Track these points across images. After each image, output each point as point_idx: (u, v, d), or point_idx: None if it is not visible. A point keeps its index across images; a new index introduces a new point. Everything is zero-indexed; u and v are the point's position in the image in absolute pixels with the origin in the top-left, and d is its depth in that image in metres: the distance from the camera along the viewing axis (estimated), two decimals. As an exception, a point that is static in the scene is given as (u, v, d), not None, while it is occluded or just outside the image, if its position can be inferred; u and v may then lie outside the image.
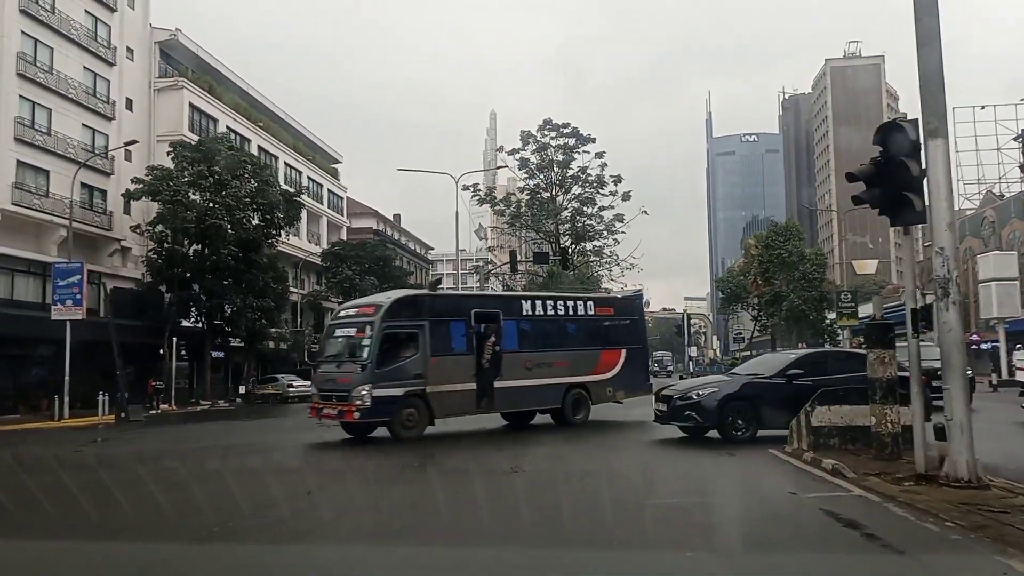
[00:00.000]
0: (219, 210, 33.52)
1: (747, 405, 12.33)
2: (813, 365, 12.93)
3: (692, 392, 12.93)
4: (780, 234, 49.67)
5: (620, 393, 17.64)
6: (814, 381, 12.04)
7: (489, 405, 15.58)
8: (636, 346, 18.40)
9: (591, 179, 57.56)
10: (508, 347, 15.86)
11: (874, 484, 8.11)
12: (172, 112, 39.37)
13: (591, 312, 17.65)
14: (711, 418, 12.33)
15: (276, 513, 7.29)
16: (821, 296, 47.81)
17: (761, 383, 12.65)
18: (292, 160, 50.55)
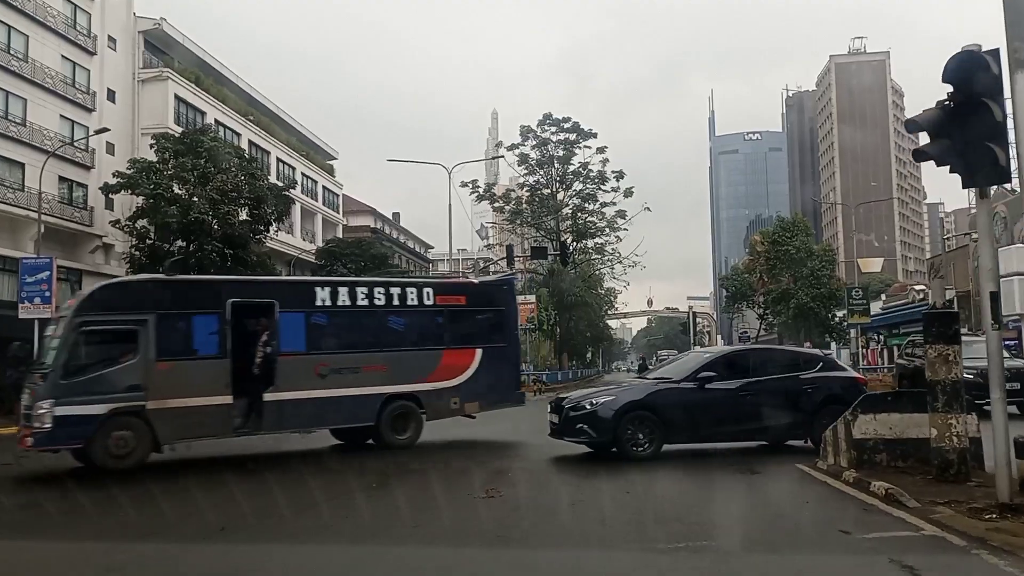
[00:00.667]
0: (203, 204, 31.72)
1: (650, 416, 10.25)
2: (731, 366, 11.02)
3: (586, 400, 10.66)
4: (787, 230, 47.77)
5: (472, 405, 13.57)
6: (732, 385, 10.54)
7: (256, 424, 11.78)
8: (499, 344, 14.10)
9: (592, 175, 55.78)
10: (290, 348, 12.02)
11: (947, 518, 6.25)
12: (157, 104, 37.63)
13: (428, 302, 13.41)
14: (606, 432, 10.18)
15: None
16: (830, 293, 45.88)
17: (668, 389, 10.66)
18: (285, 156, 48.81)
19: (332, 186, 56.77)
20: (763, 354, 12.52)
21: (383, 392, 12.58)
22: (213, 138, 33.12)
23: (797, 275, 45.51)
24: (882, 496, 7.14)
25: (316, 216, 53.46)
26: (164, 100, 37.73)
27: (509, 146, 56.06)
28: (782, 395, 10.64)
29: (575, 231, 57.26)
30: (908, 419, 8.26)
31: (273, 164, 47.06)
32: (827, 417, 10.19)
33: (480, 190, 54.74)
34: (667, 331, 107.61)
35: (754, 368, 11.01)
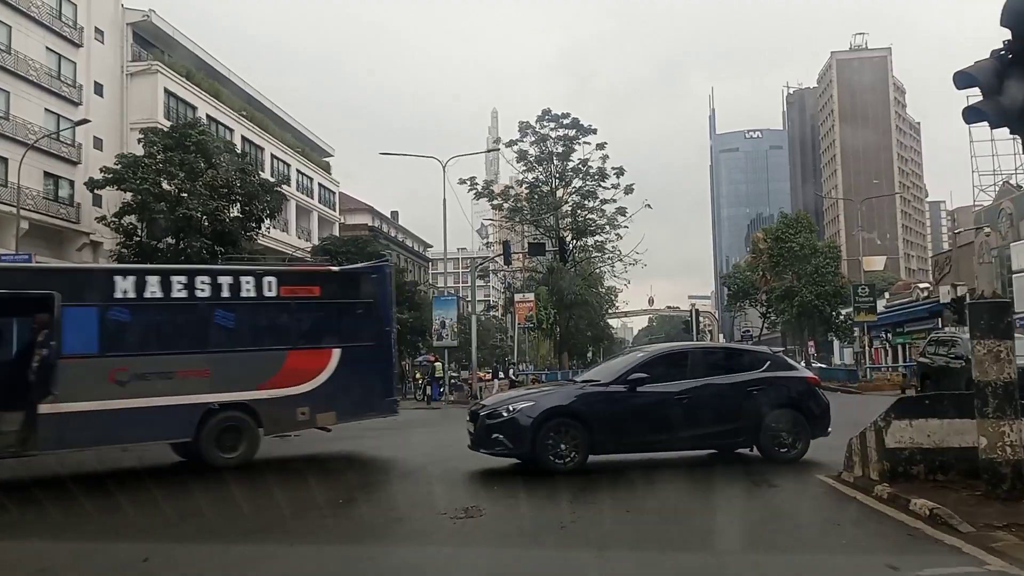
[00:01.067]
0: (191, 200, 30.69)
1: (574, 423, 9.07)
2: (667, 367, 9.80)
3: (504, 407, 9.37)
4: (791, 227, 46.66)
5: (326, 415, 11.41)
6: (667, 388, 9.41)
7: (30, 442, 9.66)
8: (366, 344, 11.81)
9: (592, 171, 54.73)
10: (77, 350, 9.89)
11: (1010, 547, 5.19)
12: (146, 98, 36.59)
13: (270, 293, 11.05)
14: (524, 442, 8.95)
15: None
16: (835, 291, 44.76)
17: (596, 393, 9.42)
18: (279, 152, 47.77)
19: (328, 184, 55.73)
20: (703, 353, 10.97)
21: (204, 402, 10.42)
22: (201, 132, 32.06)
23: (801, 272, 44.41)
24: (926, 517, 6.07)
25: (312, 214, 52.42)
26: (153, 94, 36.70)
27: (508, 142, 55.02)
28: (724, 398, 9.57)
29: (575, 229, 56.20)
30: (949, 425, 7.18)
31: (267, 161, 46.03)
32: (776, 422, 9.53)
33: (479, 187, 53.77)
34: (668, 330, 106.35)
35: (693, 369, 9.77)
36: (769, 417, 9.49)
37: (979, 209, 60.51)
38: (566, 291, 48.46)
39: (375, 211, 66.49)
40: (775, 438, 9.55)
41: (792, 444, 9.56)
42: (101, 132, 35.05)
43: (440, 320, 28.92)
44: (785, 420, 9.59)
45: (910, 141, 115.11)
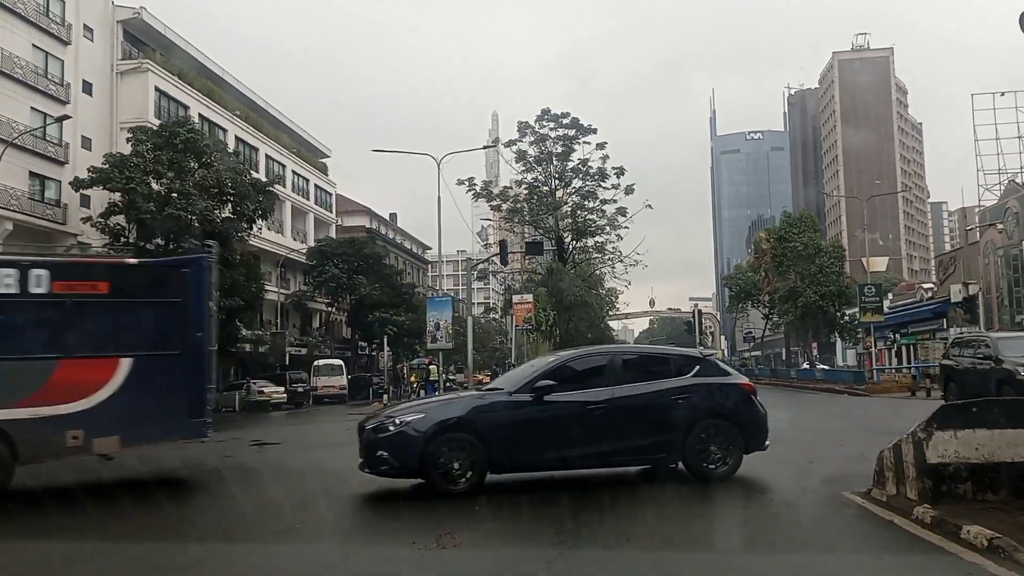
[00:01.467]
0: (180, 199, 29.79)
1: (469, 438, 7.87)
2: (580, 373, 8.63)
3: (392, 419, 8.16)
4: (794, 226, 45.65)
5: (107, 440, 9.17)
6: (580, 397, 8.22)
7: None
8: (167, 352, 9.59)
9: (592, 172, 53.75)
10: None
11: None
12: (136, 97, 35.73)
13: (38, 289, 8.94)
14: (411, 459, 7.75)
15: None
16: (839, 291, 43.74)
17: (496, 403, 8.24)
18: (274, 152, 46.90)
19: (325, 185, 54.85)
20: (624, 357, 9.25)
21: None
22: (190, 130, 31.17)
23: (804, 272, 43.41)
24: (984, 548, 5.09)
25: (308, 215, 51.53)
26: (144, 93, 35.85)
27: (507, 142, 54.10)
28: (645, 408, 8.43)
29: (574, 229, 55.22)
30: (1001, 436, 6.18)
31: (262, 161, 45.20)
32: (705, 434, 8.37)
33: (477, 188, 52.81)
34: (670, 332, 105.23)
35: (611, 375, 8.52)
36: (697, 429, 8.34)
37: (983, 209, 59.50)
38: (566, 292, 47.45)
39: (373, 213, 65.59)
40: (703, 453, 8.35)
41: (723, 459, 8.35)
42: (90, 132, 34.18)
43: (434, 322, 27.92)
44: (715, 432, 8.43)
45: (912, 142, 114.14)
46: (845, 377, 38.59)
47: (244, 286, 34.40)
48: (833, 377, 39.36)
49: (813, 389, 37.73)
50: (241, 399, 32.36)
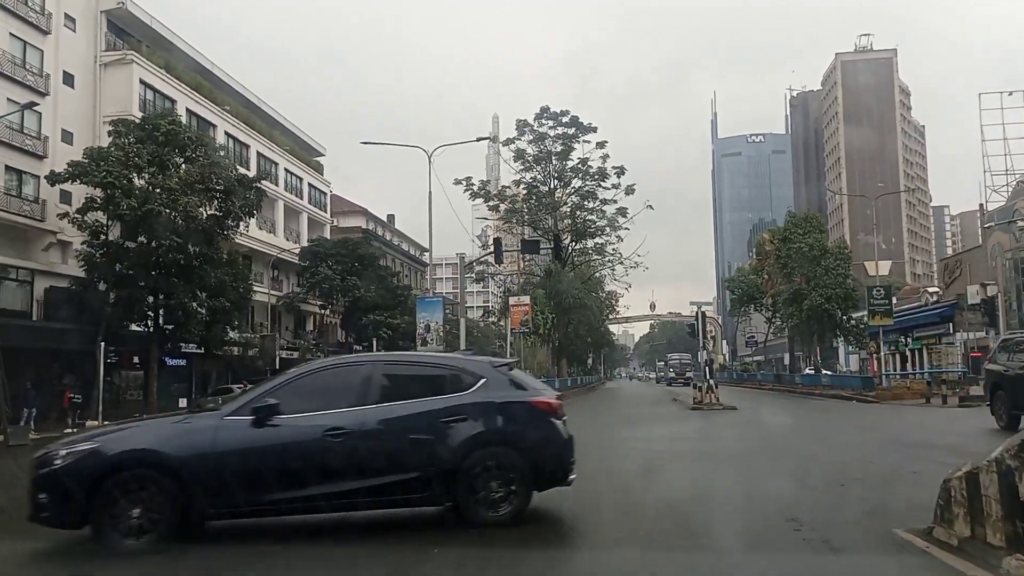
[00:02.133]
0: (160, 195, 28.39)
1: (159, 476, 6.03)
2: (327, 390, 6.74)
3: (57, 452, 6.26)
4: (799, 226, 44.21)
5: None
6: (317, 421, 6.40)
7: None
8: None
9: (592, 171, 52.45)
10: None
11: None
12: (120, 90, 34.30)
13: None
14: (74, 504, 5.94)
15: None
16: (846, 293, 42.28)
17: (199, 429, 6.48)
18: (266, 150, 45.49)
19: (319, 184, 53.46)
20: (384, 369, 7.30)
21: None
22: (171, 122, 29.77)
23: (809, 274, 41.97)
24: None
25: (301, 215, 50.12)
26: (128, 86, 34.43)
27: (505, 140, 52.91)
28: (403, 434, 6.53)
29: (574, 230, 53.95)
30: (1116, 467, 4.71)
31: (253, 159, 43.78)
32: (481, 465, 6.46)
33: (475, 187, 51.46)
34: (671, 336, 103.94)
35: (365, 392, 6.69)
36: (471, 460, 6.47)
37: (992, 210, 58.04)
38: (564, 294, 46.10)
39: (369, 214, 64.18)
40: (478, 490, 6.44)
41: (504, 499, 6.46)
42: (71, 125, 32.78)
43: (425, 323, 26.49)
44: (495, 464, 6.52)
45: (915, 144, 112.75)
46: (853, 383, 37.14)
47: (231, 287, 33.00)
48: (840, 383, 37.91)
49: (820, 395, 36.28)
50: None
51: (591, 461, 11.60)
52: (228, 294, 32.66)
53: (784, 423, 20.18)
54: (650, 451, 12.89)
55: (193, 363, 38.33)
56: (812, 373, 46.35)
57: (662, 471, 10.34)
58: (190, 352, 35.45)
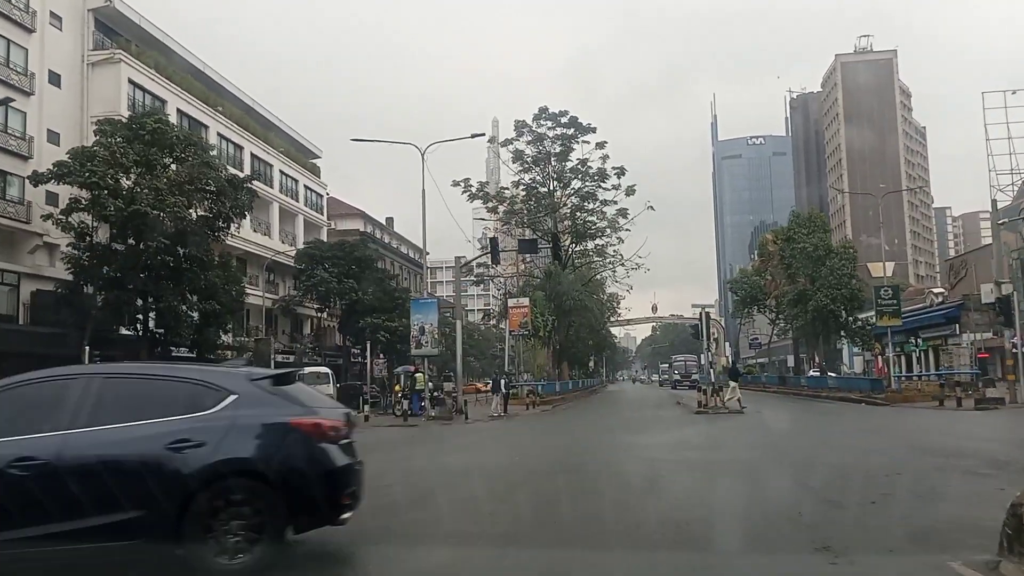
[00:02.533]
0: (147, 195, 27.45)
1: None
2: (28, 409, 5.51)
3: None
4: (803, 226, 43.19)
5: None
6: (9, 450, 5.15)
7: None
8: None
9: (592, 172, 51.51)
10: None
11: None
12: (108, 90, 33.43)
13: None
14: None
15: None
16: (852, 294, 41.21)
17: None
18: (260, 151, 44.59)
19: (315, 186, 52.57)
20: (102, 384, 5.74)
21: None
22: (158, 121, 28.85)
23: (814, 275, 40.94)
24: None
25: (297, 218, 49.21)
26: (116, 85, 33.56)
27: (503, 141, 51.96)
28: (117, 465, 5.23)
29: (573, 232, 53.01)
30: None
31: (247, 160, 42.88)
32: (220, 501, 5.22)
33: (472, 189, 50.54)
34: (673, 339, 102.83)
35: (77, 411, 5.38)
36: (206, 495, 5.22)
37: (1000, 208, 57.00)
38: (564, 296, 45.07)
39: (368, 216, 63.25)
40: (214, 532, 5.18)
41: (245, 543, 5.20)
42: (58, 125, 31.91)
43: (419, 325, 25.50)
44: (239, 500, 5.27)
45: (916, 146, 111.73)
46: (861, 385, 36.07)
47: (223, 289, 32.03)
48: (847, 385, 36.88)
49: (826, 398, 35.26)
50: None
51: (589, 472, 10.62)
52: (220, 297, 31.68)
53: (795, 428, 19.19)
54: (654, 460, 11.89)
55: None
56: (817, 375, 45.31)
57: (667, 485, 9.34)
58: (183, 356, 34.52)
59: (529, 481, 9.87)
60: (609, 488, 8.93)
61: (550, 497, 8.35)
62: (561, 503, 7.82)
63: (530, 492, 8.88)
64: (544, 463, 12.01)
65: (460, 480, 9.99)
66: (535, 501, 8.19)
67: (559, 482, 9.34)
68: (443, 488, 9.19)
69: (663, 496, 8.40)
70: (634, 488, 9.03)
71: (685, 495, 8.38)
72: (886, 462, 10.65)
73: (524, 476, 10.41)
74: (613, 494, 8.44)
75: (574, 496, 8.33)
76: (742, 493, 8.38)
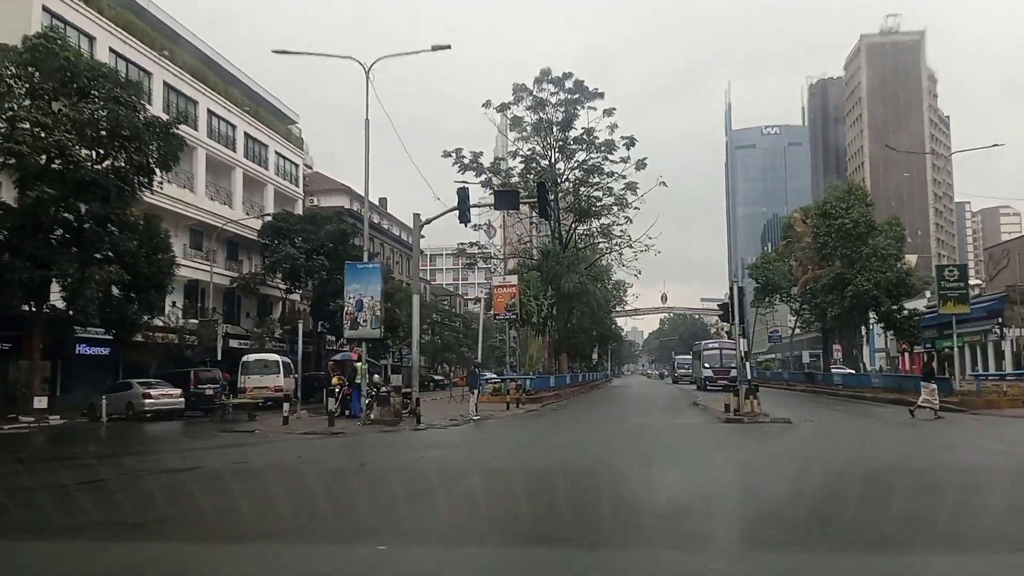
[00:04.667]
0: (21, 133, 21.13)
1: None
2: None
3: None
4: (842, 200, 36.18)
5: None
6: None
7: None
8: None
9: (598, 143, 44.72)
10: None
11: None
12: (15, 20, 27.01)
13: None
14: None
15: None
16: (899, 278, 34.26)
17: None
18: (220, 108, 38.09)
19: (290, 155, 46.09)
20: None
21: None
22: (51, 41, 22.43)
23: (854, 255, 33.96)
24: None
25: (266, 188, 42.79)
26: (27, 12, 27.17)
27: (498, 106, 45.15)
28: None
29: (577, 209, 46.34)
30: None
31: (202, 117, 36.44)
32: None
33: (465, 160, 43.83)
34: (682, 332, 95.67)
35: None
36: None
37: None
38: (564, 278, 38.46)
39: (354, 193, 56.56)
40: None
41: None
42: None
43: (355, 298, 18.76)
44: None
45: (940, 135, 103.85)
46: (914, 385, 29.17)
47: (145, 258, 25.60)
48: (898, 385, 29.92)
49: (873, 400, 28.40)
50: (112, 405, 23.60)
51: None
52: (140, 267, 25.28)
53: (895, 452, 12.34)
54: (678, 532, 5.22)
55: (120, 352, 31.16)
56: (851, 372, 38.34)
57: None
58: (97, 339, 28.35)
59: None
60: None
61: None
62: None
63: None
64: (452, 554, 5.43)
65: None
66: None
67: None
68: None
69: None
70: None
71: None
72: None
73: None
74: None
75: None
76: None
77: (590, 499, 7.47)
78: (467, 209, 19.36)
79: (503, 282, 31.34)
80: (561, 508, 6.92)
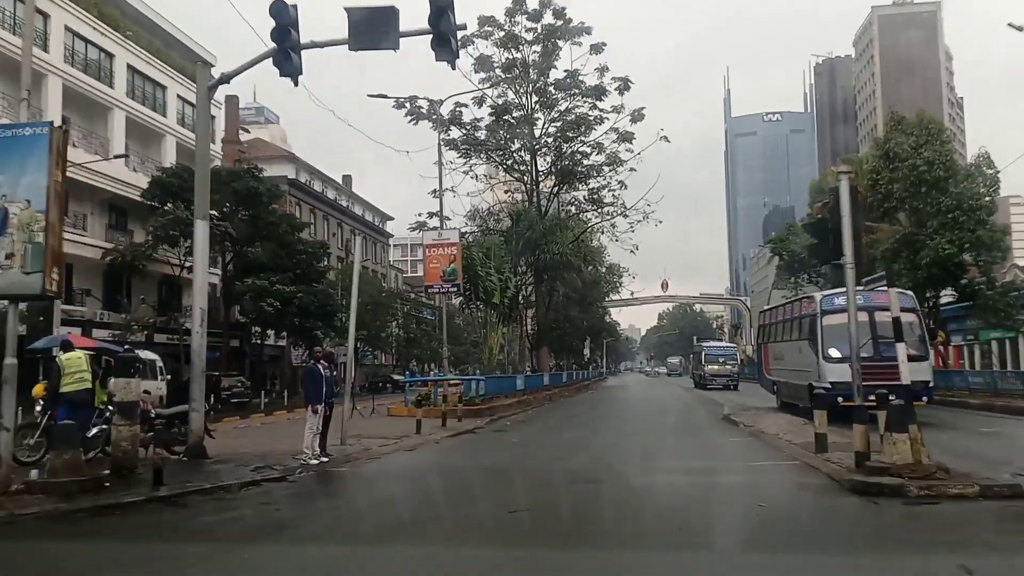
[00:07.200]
0: None
1: None
2: None
3: None
4: (910, 134, 25.79)
5: None
6: None
7: None
8: None
9: (585, 87, 34.52)
10: None
11: None
12: None
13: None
14: None
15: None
16: (992, 240, 23.86)
17: None
18: (78, 24, 27.60)
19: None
20: None
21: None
22: None
23: (930, 208, 23.62)
24: None
25: (164, 139, 32.44)
26: None
27: (461, 40, 34.65)
28: None
29: (560, 170, 36.17)
30: None
31: (55, 34, 26.12)
32: None
33: (421, 109, 33.42)
34: (682, 327, 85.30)
35: None
36: None
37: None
38: (541, 248, 28.21)
39: (300, 161, 46.32)
40: None
41: None
42: None
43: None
44: None
45: (955, 112, 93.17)
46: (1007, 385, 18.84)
47: None
48: (1001, 387, 19.39)
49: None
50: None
51: None
52: None
53: None
54: None
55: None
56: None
57: None
58: None
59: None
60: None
61: None
62: None
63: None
64: None
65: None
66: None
67: None
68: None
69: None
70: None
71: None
72: None
73: None
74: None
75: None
76: None
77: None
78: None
79: (438, 239, 20.71)
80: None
